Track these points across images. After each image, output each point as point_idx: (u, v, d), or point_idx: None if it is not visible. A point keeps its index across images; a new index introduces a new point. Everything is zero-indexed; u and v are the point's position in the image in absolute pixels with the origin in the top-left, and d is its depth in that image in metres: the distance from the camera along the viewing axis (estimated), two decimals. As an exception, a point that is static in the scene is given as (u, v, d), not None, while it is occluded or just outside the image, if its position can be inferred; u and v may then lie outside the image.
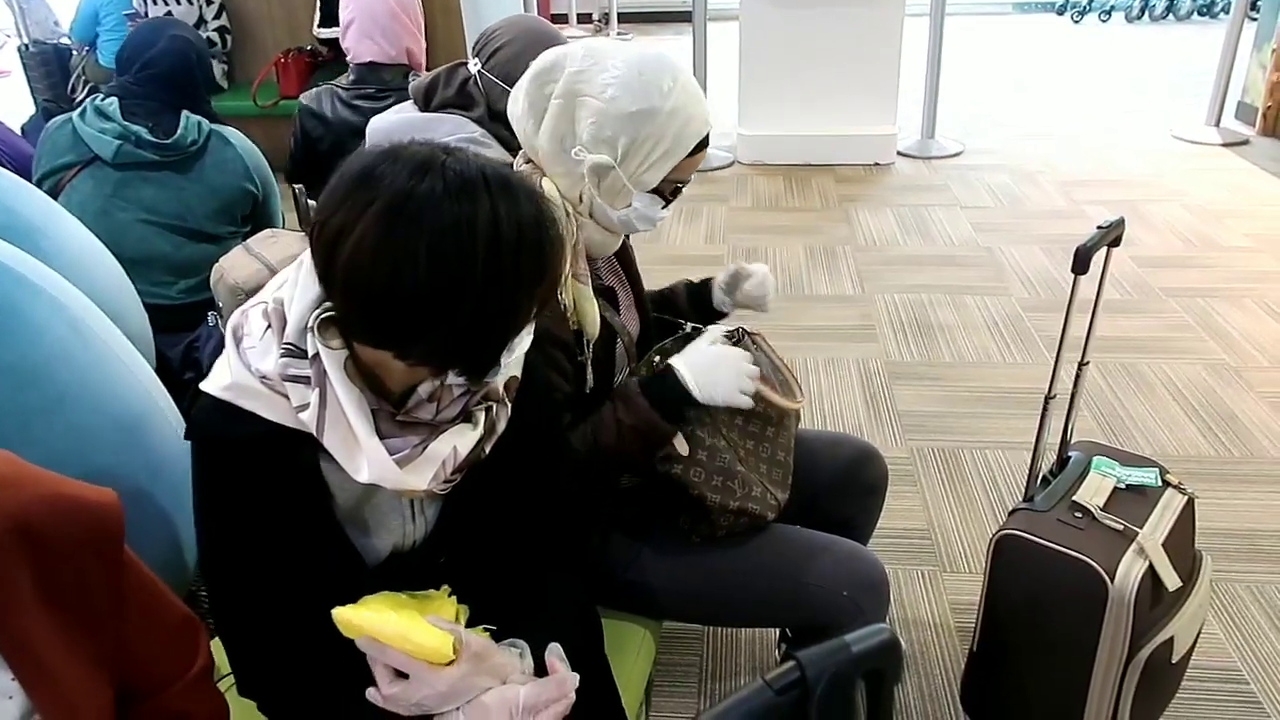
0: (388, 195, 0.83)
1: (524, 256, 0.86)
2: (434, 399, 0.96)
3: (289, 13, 4.57)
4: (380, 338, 0.90)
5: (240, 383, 0.94)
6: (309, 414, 0.92)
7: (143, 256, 2.01)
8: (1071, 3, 8.43)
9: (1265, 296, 3.37)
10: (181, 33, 2.22)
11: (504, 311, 0.89)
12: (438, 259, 0.83)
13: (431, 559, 1.07)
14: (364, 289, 0.85)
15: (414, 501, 1.05)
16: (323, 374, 0.92)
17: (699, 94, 1.28)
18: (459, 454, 0.96)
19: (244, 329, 0.97)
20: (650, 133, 1.23)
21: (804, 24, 4.75)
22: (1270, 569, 2.14)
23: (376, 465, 0.92)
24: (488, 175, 0.86)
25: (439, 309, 0.85)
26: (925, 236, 4.04)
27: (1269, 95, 5.04)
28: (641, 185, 1.27)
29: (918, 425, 2.71)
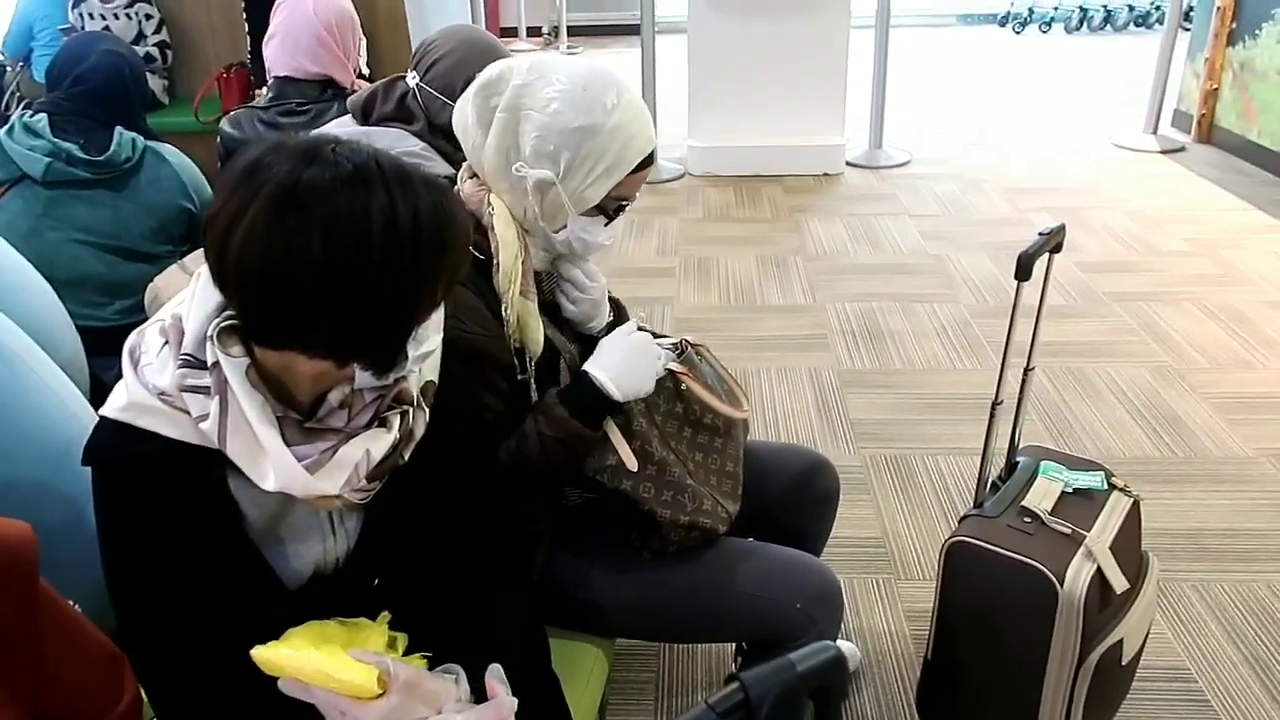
0: (276, 182, 0.82)
1: (422, 243, 0.85)
2: (345, 405, 0.94)
3: (231, 27, 4.49)
4: (278, 332, 0.88)
5: (137, 401, 0.91)
6: (209, 424, 0.89)
7: (75, 277, 1.95)
8: (1013, 14, 8.60)
9: (1204, 299, 3.45)
10: (114, 47, 2.17)
11: (403, 298, 0.88)
12: (332, 244, 0.81)
13: (361, 581, 1.03)
14: (257, 279, 0.83)
15: (332, 515, 1.02)
16: (223, 382, 0.89)
17: (644, 111, 1.27)
18: (372, 458, 0.94)
19: (140, 348, 0.94)
20: (592, 149, 1.22)
21: (751, 37, 4.78)
22: (1215, 567, 2.18)
23: (283, 471, 0.89)
24: (381, 163, 0.86)
25: (335, 296, 0.83)
26: (875, 245, 4.08)
27: (1203, 103, 5.17)
28: (583, 203, 1.26)
29: (870, 433, 2.73)
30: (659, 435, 1.33)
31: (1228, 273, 3.68)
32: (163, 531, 0.93)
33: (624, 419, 1.30)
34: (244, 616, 0.94)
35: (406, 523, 1.05)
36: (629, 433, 1.30)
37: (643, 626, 1.44)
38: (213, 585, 0.95)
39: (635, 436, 1.30)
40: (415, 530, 1.05)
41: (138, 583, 0.95)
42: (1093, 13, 8.38)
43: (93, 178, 2.02)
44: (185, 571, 0.94)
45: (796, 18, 4.73)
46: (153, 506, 0.93)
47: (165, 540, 0.93)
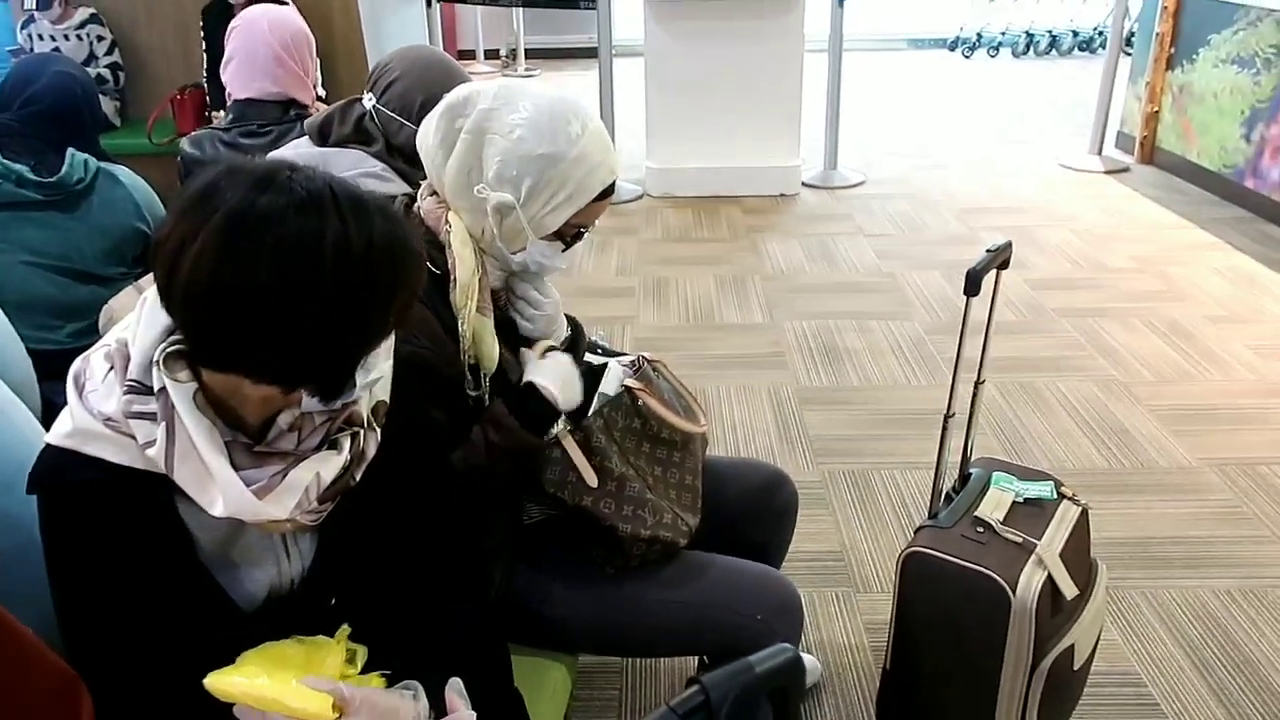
0: (229, 207, 0.82)
1: (375, 273, 0.86)
2: (294, 428, 0.94)
3: (185, 48, 4.46)
4: (225, 356, 0.87)
5: (83, 428, 0.90)
6: (156, 450, 0.89)
7: (26, 300, 1.92)
8: (962, 39, 8.80)
9: (1149, 315, 3.55)
10: (66, 68, 2.14)
11: (352, 327, 0.88)
12: (282, 271, 0.81)
13: (318, 600, 1.03)
14: (205, 303, 0.83)
15: (285, 537, 1.01)
16: (170, 408, 0.89)
17: (607, 141, 1.30)
18: (323, 480, 0.93)
19: (85, 374, 0.93)
20: (554, 176, 1.24)
21: (708, 60, 4.85)
22: (1162, 574, 2.23)
23: (232, 497, 0.89)
24: (336, 191, 0.86)
25: (283, 323, 0.83)
26: (831, 264, 4.14)
27: (1145, 125, 5.34)
28: (542, 229, 1.28)
29: (828, 449, 2.76)
30: (618, 451, 1.35)
31: (1170, 288, 3.79)
32: (111, 558, 0.92)
33: (583, 435, 1.32)
34: (199, 642, 0.93)
35: (361, 541, 1.04)
36: (588, 449, 1.31)
37: (605, 641, 1.44)
38: (165, 611, 0.93)
39: (594, 453, 1.31)
40: (370, 548, 1.05)
41: (87, 611, 0.94)
42: (1038, 38, 8.61)
43: (44, 199, 1.99)
44: (135, 598, 0.93)
45: (751, 41, 4.81)
46: (100, 533, 0.91)
47: (114, 567, 0.92)
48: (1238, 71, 4.61)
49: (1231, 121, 4.66)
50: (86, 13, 4.31)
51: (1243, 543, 2.34)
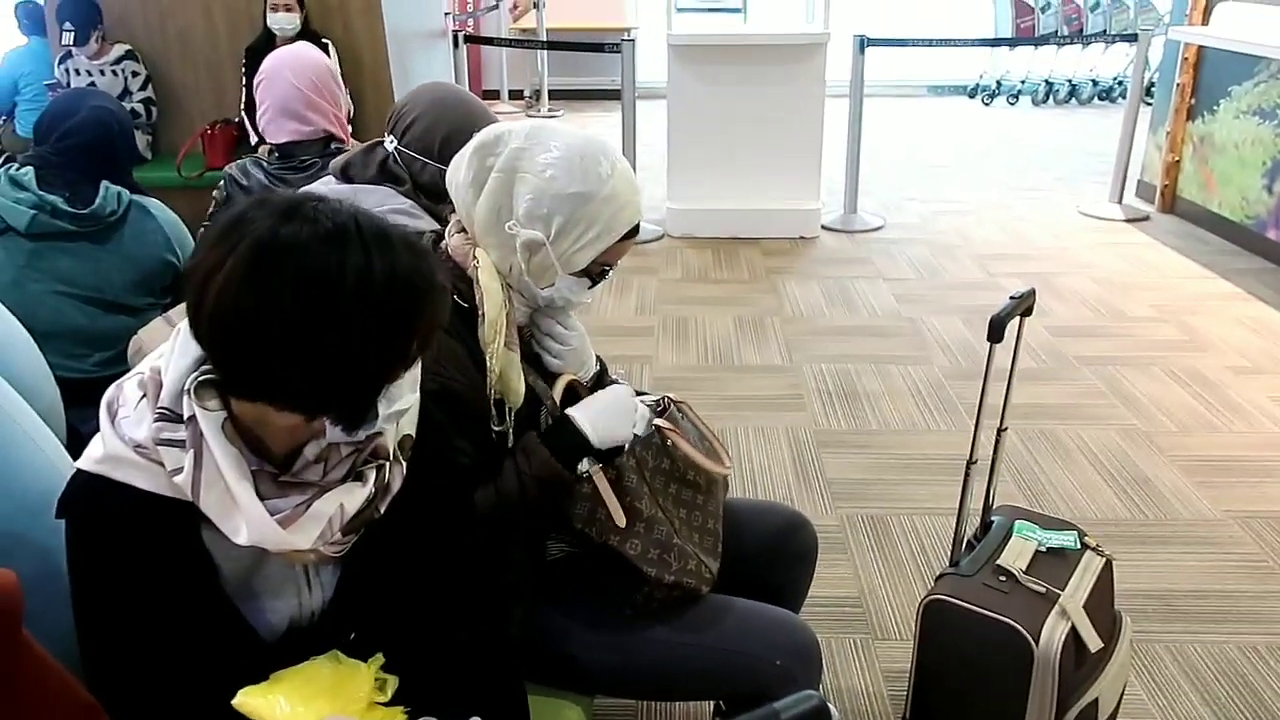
0: (254, 236, 0.84)
1: (397, 302, 0.87)
2: (320, 460, 0.95)
3: (216, 84, 4.55)
4: (249, 383, 0.88)
5: (114, 454, 0.92)
6: (183, 477, 0.90)
7: (56, 329, 1.95)
8: (982, 86, 8.87)
9: (1170, 364, 3.52)
10: (103, 103, 2.19)
11: (373, 357, 0.88)
12: (303, 299, 0.83)
13: (337, 633, 1.03)
14: (230, 329, 0.84)
15: (308, 569, 1.02)
16: (199, 436, 0.90)
17: (634, 182, 1.32)
18: (346, 512, 0.94)
19: (119, 401, 0.95)
20: (584, 215, 1.26)
21: (730, 103, 4.90)
22: (1187, 629, 2.20)
23: (256, 525, 0.90)
24: (361, 223, 0.87)
25: (304, 350, 0.84)
26: (850, 308, 4.14)
27: (1165, 175, 5.34)
28: (570, 265, 1.30)
29: (847, 493, 2.74)
30: (649, 491, 1.35)
31: (1192, 338, 3.77)
32: (135, 584, 0.92)
33: (615, 474, 1.32)
34: (219, 670, 0.94)
35: (383, 575, 1.05)
36: (620, 488, 1.31)
37: (622, 684, 1.43)
38: (187, 639, 0.94)
39: (625, 492, 1.31)
40: (391, 582, 1.05)
41: (110, 637, 0.94)
42: (1058, 86, 8.66)
43: (77, 230, 2.03)
44: (158, 625, 0.93)
45: (774, 85, 4.86)
46: (126, 559, 0.92)
47: (138, 593, 0.93)
48: (1259, 123, 4.62)
49: (1253, 173, 4.66)
50: (122, 49, 4.42)
51: (1269, 598, 2.30)
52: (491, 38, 7.30)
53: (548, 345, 1.38)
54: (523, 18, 8.57)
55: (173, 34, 4.50)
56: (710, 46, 4.87)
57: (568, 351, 1.38)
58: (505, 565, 1.30)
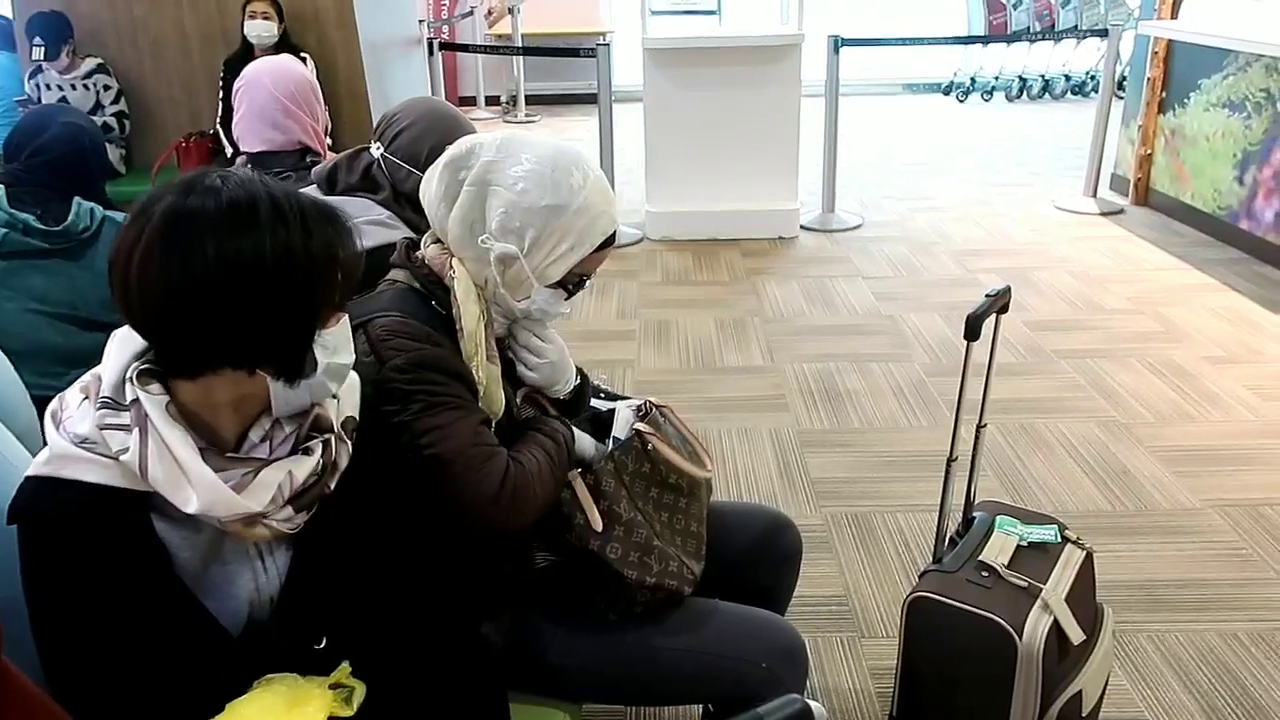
0: (163, 207, 0.89)
1: (313, 253, 0.92)
2: (265, 440, 0.98)
3: (190, 97, 4.53)
4: (185, 351, 0.92)
5: (58, 453, 0.93)
6: (130, 455, 0.91)
7: (31, 347, 1.92)
8: (956, 84, 8.92)
9: (1147, 355, 3.56)
10: (73, 119, 2.18)
11: (298, 306, 0.93)
12: (221, 258, 0.88)
13: (298, 621, 1.02)
14: (155, 298, 0.88)
15: (261, 552, 1.02)
16: (143, 415, 0.92)
17: (608, 192, 1.32)
18: (295, 478, 0.96)
19: (61, 408, 0.97)
20: (557, 227, 1.26)
21: (706, 105, 4.91)
22: (1168, 618, 2.22)
23: (205, 490, 0.91)
24: (268, 183, 0.94)
25: (228, 307, 0.89)
26: (830, 307, 4.16)
27: (1138, 168, 5.39)
28: (546, 278, 1.30)
29: (831, 492, 2.75)
30: (627, 496, 1.35)
31: (1168, 330, 3.80)
32: (90, 581, 0.93)
33: (594, 478, 1.32)
34: (183, 664, 0.94)
35: (337, 556, 1.05)
36: (598, 493, 1.31)
37: (609, 689, 1.43)
38: (147, 633, 0.94)
39: (603, 496, 1.32)
40: (347, 565, 1.05)
41: (68, 641, 0.94)
42: (1032, 82, 8.72)
43: (50, 248, 2.01)
44: (117, 622, 0.93)
45: (750, 87, 4.88)
46: (78, 555, 0.92)
47: (93, 591, 0.93)
48: (1229, 115, 4.67)
49: (1224, 164, 4.72)
50: (94, 63, 4.39)
51: (1248, 585, 2.32)
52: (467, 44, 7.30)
53: (524, 358, 1.37)
54: (498, 23, 8.56)
55: (145, 47, 4.47)
56: (685, 49, 4.88)
57: (544, 365, 1.38)
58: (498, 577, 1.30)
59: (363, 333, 1.23)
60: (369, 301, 1.29)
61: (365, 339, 1.23)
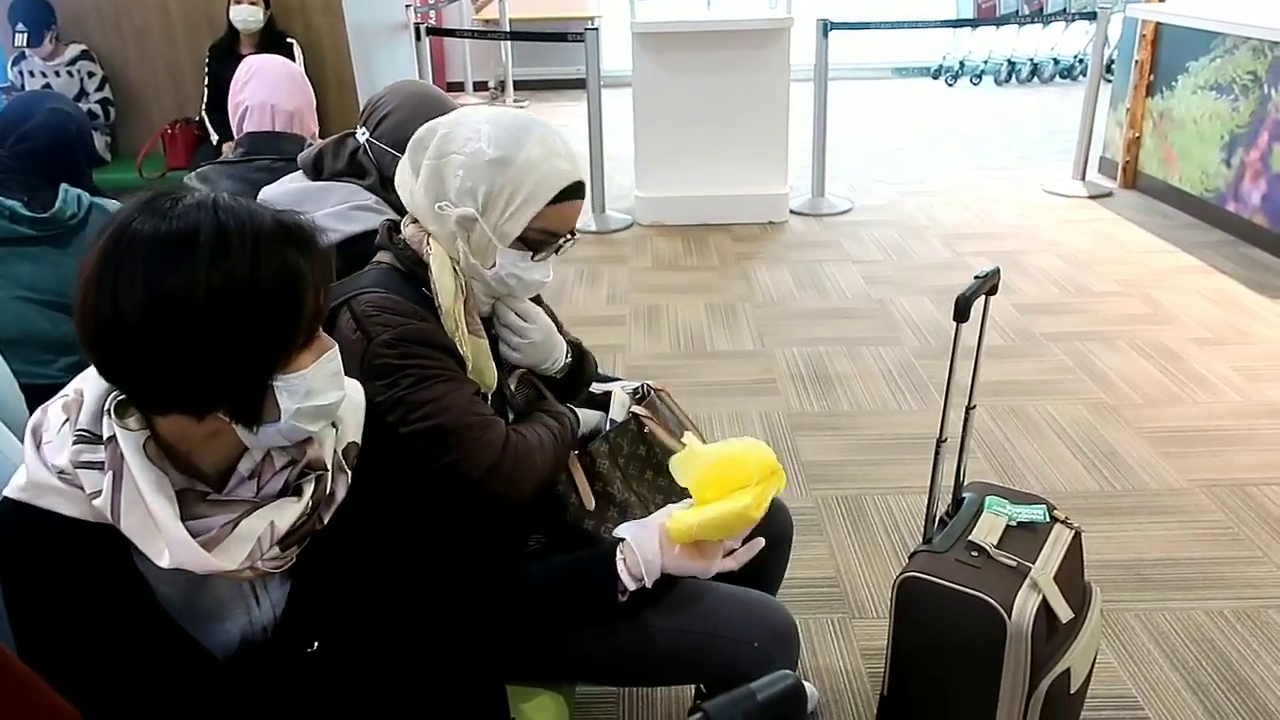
0: (114, 226, 0.84)
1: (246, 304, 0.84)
2: (254, 476, 0.93)
3: (176, 83, 4.50)
4: (130, 388, 0.87)
5: (36, 480, 0.90)
6: (102, 500, 0.87)
7: (19, 335, 1.92)
8: (945, 67, 8.92)
9: (1135, 338, 3.58)
10: (59, 105, 2.17)
11: (238, 351, 0.85)
12: (148, 302, 0.81)
13: (295, 646, 1.00)
14: (91, 330, 0.84)
15: (253, 584, 0.99)
16: (119, 457, 0.87)
17: (562, 145, 1.30)
18: (277, 529, 0.92)
19: (43, 427, 0.92)
20: (508, 180, 1.25)
21: (695, 90, 4.90)
22: (1156, 597, 2.24)
23: (178, 549, 0.87)
24: (219, 220, 0.85)
25: (158, 340, 0.82)
26: (820, 291, 4.17)
27: (1126, 151, 5.41)
28: (505, 236, 1.28)
29: (821, 475, 2.77)
30: (621, 477, 1.36)
31: (1156, 312, 3.83)
32: (68, 613, 0.90)
33: (589, 460, 1.33)
34: (167, 689, 0.92)
35: (336, 585, 1.02)
36: (592, 474, 1.32)
37: (601, 671, 1.44)
38: (131, 665, 0.92)
39: (599, 478, 1.32)
40: (347, 592, 1.03)
41: (49, 666, 0.91)
42: (1020, 66, 8.73)
43: (37, 235, 2.00)
44: (99, 653, 0.91)
45: (738, 72, 4.87)
46: (56, 587, 0.90)
47: (72, 622, 0.90)
48: (1216, 98, 4.69)
49: (1212, 146, 4.73)
50: (77, 49, 4.35)
51: (1235, 564, 2.35)
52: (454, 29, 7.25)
53: (507, 338, 1.37)
54: (485, 8, 8.51)
55: (129, 33, 4.44)
56: (674, 34, 4.86)
57: (526, 344, 1.37)
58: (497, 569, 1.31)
59: (347, 309, 1.24)
60: (353, 280, 1.30)
61: (350, 315, 1.24)
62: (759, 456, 1.19)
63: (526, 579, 1.25)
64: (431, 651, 1.10)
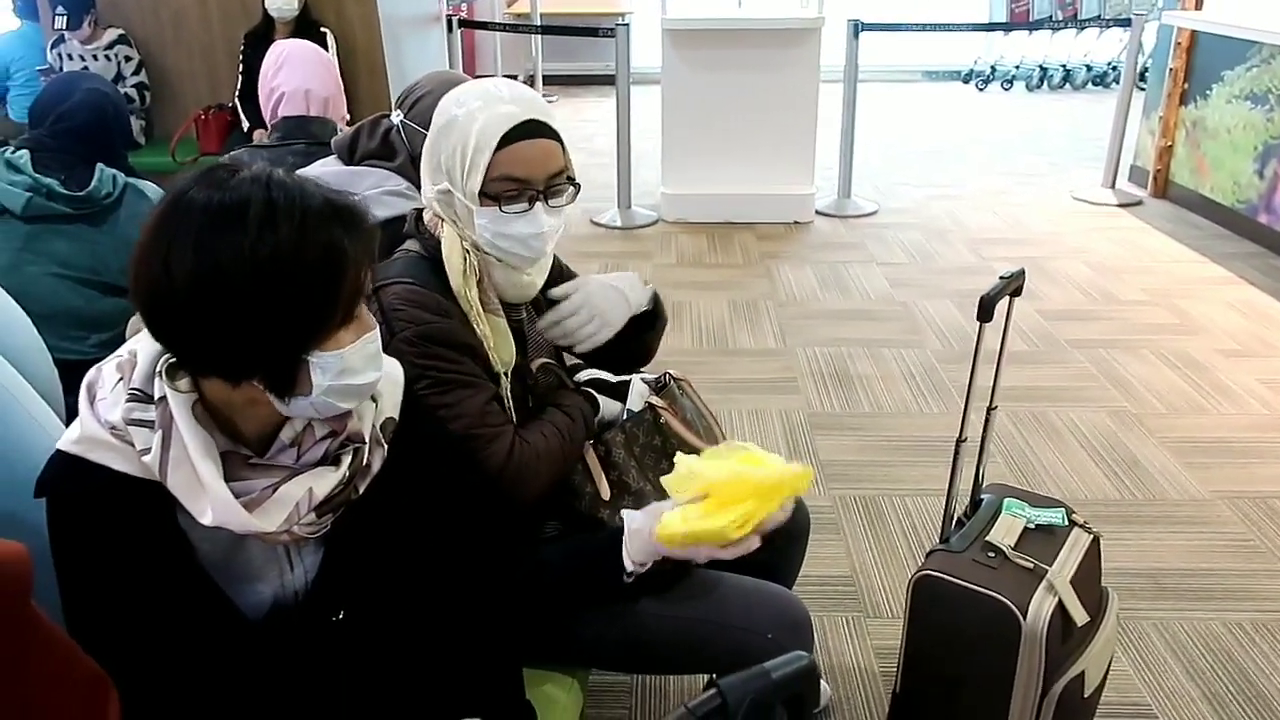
0: (172, 193, 0.88)
1: (285, 277, 0.86)
2: (295, 444, 0.96)
3: (210, 69, 4.55)
4: (174, 349, 0.91)
5: (90, 435, 0.93)
6: (151, 457, 0.91)
7: (53, 311, 1.96)
8: (976, 72, 8.86)
9: (1161, 347, 3.55)
10: (97, 85, 2.20)
11: (276, 323, 0.88)
12: (196, 269, 0.84)
13: (323, 613, 1.03)
14: (143, 284, 0.87)
15: (288, 548, 1.02)
16: (168, 416, 0.91)
17: (506, 91, 1.29)
18: (315, 496, 0.95)
19: (98, 383, 0.97)
20: (456, 139, 1.28)
21: (724, 88, 4.90)
22: (1174, 606, 2.23)
23: (220, 507, 0.91)
24: (271, 193, 0.88)
25: (199, 306, 0.85)
26: (844, 292, 4.16)
27: (1158, 159, 5.36)
28: (473, 196, 1.28)
29: (839, 474, 2.77)
30: (637, 467, 1.37)
31: (1183, 322, 3.79)
32: (113, 563, 0.94)
33: (604, 449, 1.34)
34: (201, 645, 0.95)
35: (368, 554, 1.05)
36: (608, 463, 1.33)
37: (616, 657, 1.45)
38: (170, 619, 0.95)
39: (614, 467, 1.33)
40: (379, 561, 1.06)
41: (93, 616, 0.95)
42: (1052, 72, 8.66)
43: (73, 213, 2.04)
44: (140, 605, 0.94)
45: (768, 71, 4.87)
46: (102, 539, 0.93)
47: (116, 572, 0.94)
48: (1251, 107, 4.64)
49: (1245, 157, 4.68)
50: (115, 34, 4.41)
51: (1255, 576, 2.33)
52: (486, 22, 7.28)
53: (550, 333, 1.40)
54: (517, 2, 8.54)
55: (166, 18, 4.49)
56: (705, 31, 4.87)
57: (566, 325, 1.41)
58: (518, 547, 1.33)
59: (375, 299, 1.25)
60: (382, 269, 1.31)
61: (377, 306, 1.25)
62: (755, 479, 1.16)
63: (541, 559, 1.26)
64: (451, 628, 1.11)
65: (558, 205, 1.31)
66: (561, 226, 1.34)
